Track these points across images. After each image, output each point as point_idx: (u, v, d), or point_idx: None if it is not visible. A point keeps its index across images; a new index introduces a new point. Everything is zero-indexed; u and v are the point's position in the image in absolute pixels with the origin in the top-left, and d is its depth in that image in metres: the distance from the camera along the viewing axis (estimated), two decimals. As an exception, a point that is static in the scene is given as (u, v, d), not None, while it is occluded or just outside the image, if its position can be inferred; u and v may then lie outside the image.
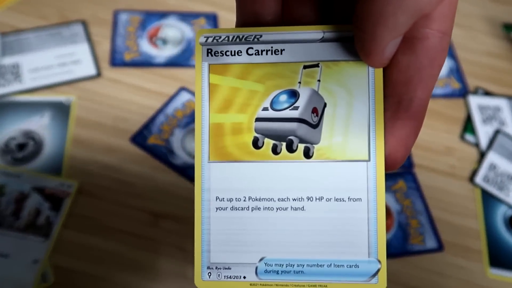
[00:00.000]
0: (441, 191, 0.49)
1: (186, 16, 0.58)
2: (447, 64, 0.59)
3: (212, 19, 0.58)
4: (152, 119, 0.49)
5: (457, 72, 0.59)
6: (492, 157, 0.52)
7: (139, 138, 0.48)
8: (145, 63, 0.53)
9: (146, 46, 0.54)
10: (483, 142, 0.53)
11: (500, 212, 0.49)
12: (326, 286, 0.19)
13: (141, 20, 0.57)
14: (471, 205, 0.49)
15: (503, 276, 0.45)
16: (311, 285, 0.19)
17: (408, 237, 0.45)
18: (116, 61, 0.53)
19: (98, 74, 0.51)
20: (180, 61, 0.54)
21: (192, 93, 0.51)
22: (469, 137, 0.54)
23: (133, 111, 0.50)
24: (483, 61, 0.61)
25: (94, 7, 0.57)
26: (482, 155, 0.52)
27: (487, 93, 0.58)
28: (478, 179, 0.50)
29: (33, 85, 0.49)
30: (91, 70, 0.51)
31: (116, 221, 0.43)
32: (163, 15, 0.57)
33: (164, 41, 0.55)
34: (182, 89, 0.52)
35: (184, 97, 0.51)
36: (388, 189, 0.48)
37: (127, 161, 0.46)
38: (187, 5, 0.59)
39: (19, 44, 0.52)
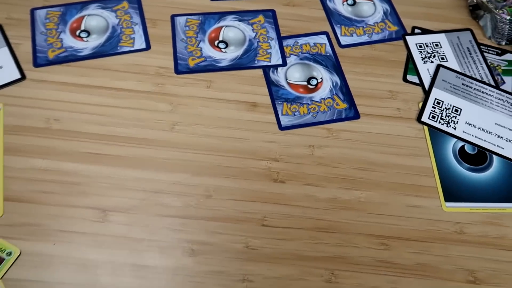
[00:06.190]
0: (390, 136, 0.49)
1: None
2: (381, 8, 0.58)
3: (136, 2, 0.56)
4: (87, 114, 0.47)
5: (392, 15, 0.58)
6: (435, 93, 0.51)
7: (76, 135, 0.46)
8: (71, 57, 0.51)
9: (70, 40, 0.52)
10: (426, 80, 0.53)
11: (449, 146, 0.49)
12: None
13: (61, 14, 0.54)
14: (422, 144, 0.49)
15: (457, 208, 0.45)
16: None
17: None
18: (40, 61, 0.50)
19: (23, 77, 0.49)
20: (108, 49, 0.52)
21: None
22: (411, 77, 0.53)
23: (66, 109, 0.48)
24: (417, -1, 0.60)
25: (8, 8, 0.54)
26: (426, 93, 0.52)
27: (425, 31, 0.57)
28: (425, 117, 0.50)
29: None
30: (14, 74, 0.49)
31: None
32: (83, 5, 0.55)
33: (88, 32, 0.53)
34: (114, 78, 0.50)
35: (117, 86, 0.49)
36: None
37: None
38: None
39: None
